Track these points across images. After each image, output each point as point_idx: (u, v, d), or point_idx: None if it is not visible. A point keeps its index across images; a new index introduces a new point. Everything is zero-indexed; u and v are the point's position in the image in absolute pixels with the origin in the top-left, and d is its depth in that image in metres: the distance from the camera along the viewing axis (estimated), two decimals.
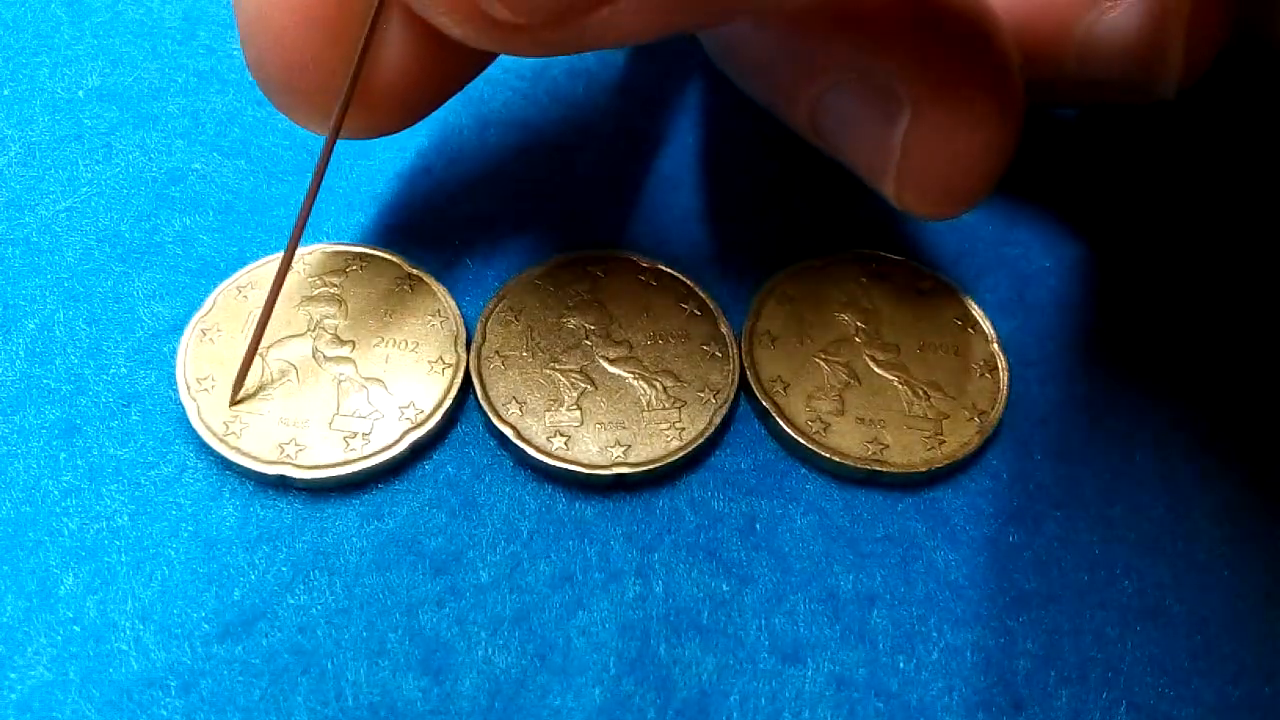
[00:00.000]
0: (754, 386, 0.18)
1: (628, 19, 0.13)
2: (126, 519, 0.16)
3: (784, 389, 0.18)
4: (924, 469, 0.17)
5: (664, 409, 0.17)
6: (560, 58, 0.22)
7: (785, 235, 0.20)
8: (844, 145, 0.18)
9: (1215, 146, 0.23)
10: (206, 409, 0.16)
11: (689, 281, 0.19)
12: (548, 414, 0.17)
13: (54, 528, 0.16)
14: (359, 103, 0.15)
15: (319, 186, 0.16)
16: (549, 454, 0.17)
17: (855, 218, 0.21)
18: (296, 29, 0.15)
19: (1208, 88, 0.19)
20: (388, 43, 0.15)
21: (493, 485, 0.17)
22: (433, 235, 0.19)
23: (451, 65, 0.16)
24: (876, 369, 0.18)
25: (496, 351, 0.18)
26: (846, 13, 0.16)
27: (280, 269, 0.16)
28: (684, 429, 0.17)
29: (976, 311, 0.19)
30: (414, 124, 0.17)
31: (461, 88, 0.17)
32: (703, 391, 0.18)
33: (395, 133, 0.17)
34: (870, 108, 0.17)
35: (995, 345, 0.19)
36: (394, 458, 0.16)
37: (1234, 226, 0.22)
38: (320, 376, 0.17)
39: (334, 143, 0.16)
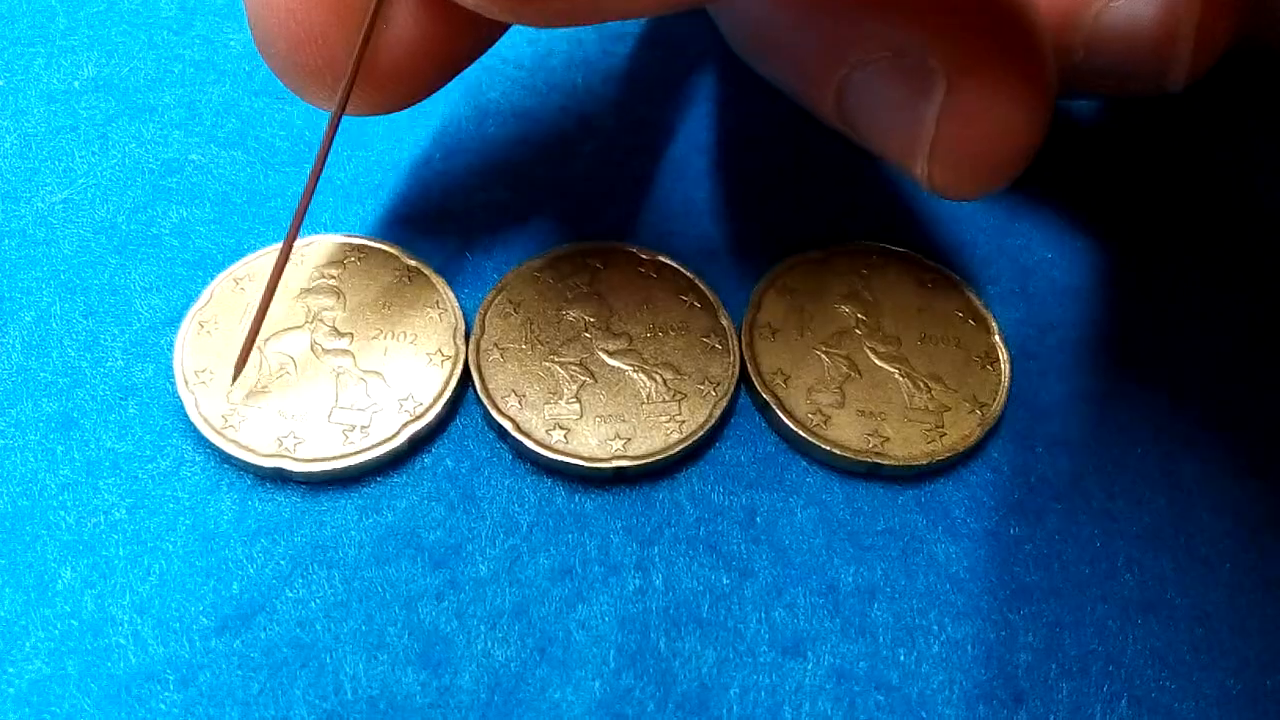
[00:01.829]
0: (754, 379, 0.18)
1: None
2: (124, 512, 0.16)
3: (784, 381, 0.18)
4: (925, 462, 0.17)
5: (664, 402, 0.17)
6: (560, 48, 0.22)
7: (786, 227, 0.20)
8: (872, 127, 0.17)
9: (1219, 139, 0.23)
10: (204, 402, 0.16)
11: (689, 273, 0.19)
12: (547, 407, 0.17)
13: (51, 521, 0.16)
14: (365, 79, 0.15)
15: (322, 168, 0.16)
16: (548, 447, 0.17)
17: (856, 209, 0.21)
18: (303, 6, 0.15)
19: (1213, 81, 0.19)
20: (394, 18, 0.15)
21: (492, 478, 0.17)
22: (432, 227, 0.19)
23: (458, 40, 0.16)
24: (877, 361, 0.18)
25: (495, 344, 0.18)
26: None
27: (281, 254, 0.16)
28: (684, 422, 0.17)
29: (978, 303, 0.19)
30: (419, 101, 0.17)
31: (469, 64, 0.17)
32: (703, 384, 0.18)
33: (400, 110, 0.17)
34: (901, 86, 0.16)
35: (997, 337, 0.19)
36: (392, 451, 0.16)
37: (1237, 219, 0.21)
38: (319, 369, 0.17)
39: (339, 120, 0.16)
